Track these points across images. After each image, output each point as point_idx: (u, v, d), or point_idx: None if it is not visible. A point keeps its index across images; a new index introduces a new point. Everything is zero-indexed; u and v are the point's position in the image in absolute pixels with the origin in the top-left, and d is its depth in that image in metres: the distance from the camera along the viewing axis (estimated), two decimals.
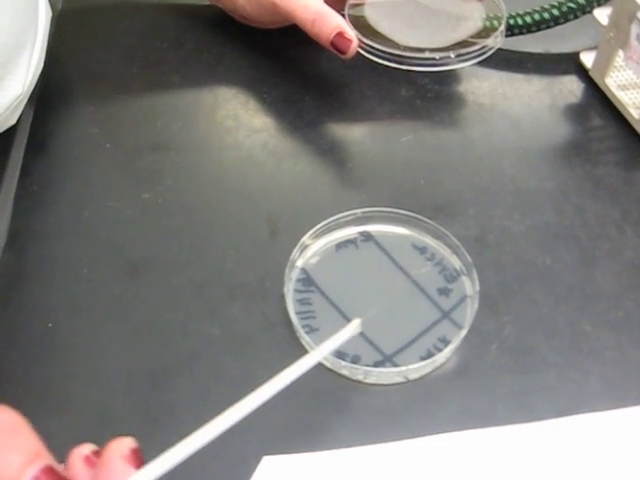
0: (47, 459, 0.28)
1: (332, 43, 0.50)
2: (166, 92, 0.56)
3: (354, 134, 0.53)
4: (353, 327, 0.38)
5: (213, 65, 0.58)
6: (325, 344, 0.36)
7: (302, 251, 0.44)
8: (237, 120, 0.53)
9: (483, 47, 0.51)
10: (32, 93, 0.53)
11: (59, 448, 0.31)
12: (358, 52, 0.50)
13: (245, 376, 0.40)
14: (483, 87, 0.56)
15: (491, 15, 0.53)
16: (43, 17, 0.54)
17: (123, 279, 0.45)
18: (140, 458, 0.28)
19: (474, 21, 0.53)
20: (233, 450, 0.37)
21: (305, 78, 0.56)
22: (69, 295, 0.44)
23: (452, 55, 0.49)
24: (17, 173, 0.51)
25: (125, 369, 0.41)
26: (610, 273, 0.44)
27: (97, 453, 0.29)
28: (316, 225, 0.45)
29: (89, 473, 0.29)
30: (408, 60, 0.49)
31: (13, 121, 0.51)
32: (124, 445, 0.28)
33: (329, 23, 0.50)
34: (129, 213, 0.48)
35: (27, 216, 0.48)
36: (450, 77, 0.56)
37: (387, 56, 0.50)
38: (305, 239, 0.44)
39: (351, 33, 0.50)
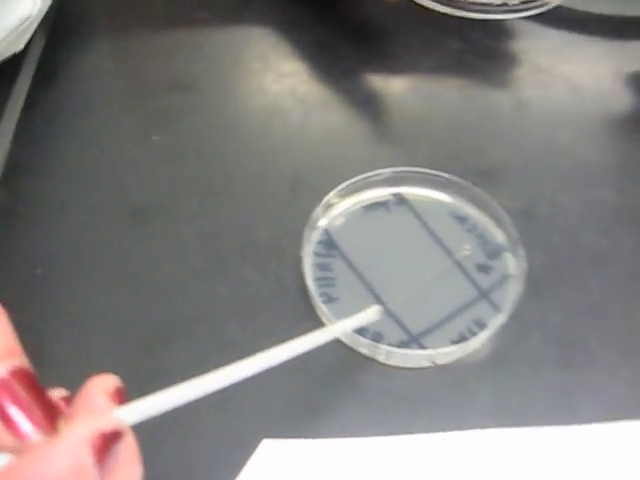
0: (20, 359, 0.22)
1: None
2: (190, 29, 0.51)
3: (394, 87, 0.47)
4: (371, 314, 0.33)
5: (243, 2, 0.52)
6: (339, 324, 0.32)
7: (326, 210, 0.39)
8: (265, 63, 0.48)
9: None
10: (45, 21, 0.48)
11: None
12: None
13: (250, 345, 0.34)
14: (541, 47, 0.50)
15: None
16: None
17: (124, 227, 0.40)
18: (124, 399, 0.23)
19: None
20: (232, 429, 0.33)
21: (344, 23, 0.51)
22: (62, 240, 0.40)
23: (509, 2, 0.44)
24: (21, 104, 0.46)
25: (117, 327, 0.36)
26: None
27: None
28: (344, 182, 0.39)
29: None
30: (461, 3, 0.44)
31: (21, 46, 0.47)
32: (108, 382, 0.23)
33: None
34: (137, 156, 0.44)
35: (27, 150, 0.44)
36: (506, 33, 0.50)
37: None
38: (330, 197, 0.39)
39: None
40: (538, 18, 0.50)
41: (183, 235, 0.40)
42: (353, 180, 0.39)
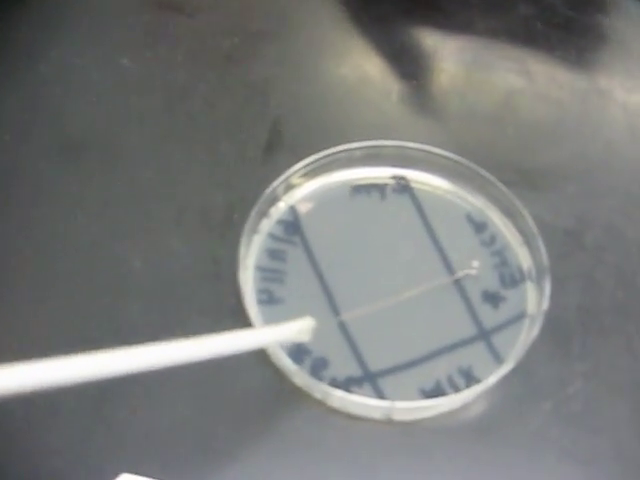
0: None
1: None
2: None
3: (435, 45, 0.36)
4: (302, 329, 0.23)
5: None
6: (262, 331, 0.22)
7: (299, 182, 0.29)
8: None
9: None
10: None
11: None
12: None
13: (150, 336, 0.25)
14: (634, 26, 0.38)
15: None
16: None
17: (53, 158, 0.31)
18: None
19: None
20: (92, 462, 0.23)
21: None
22: None
23: None
24: None
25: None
26: None
27: None
28: (331, 148, 0.29)
29: None
30: None
31: None
32: None
33: None
34: (96, 77, 0.35)
35: None
36: (591, 3, 0.39)
37: None
38: (309, 164, 0.29)
39: None
40: None
41: (110, 180, 0.30)
42: (345, 147, 0.29)
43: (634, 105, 0.35)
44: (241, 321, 0.26)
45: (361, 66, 0.35)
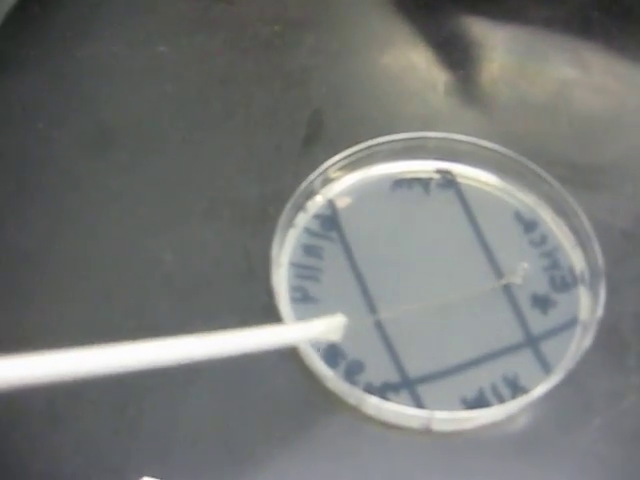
0: None
1: None
2: None
3: (484, 34, 0.35)
4: (332, 327, 0.21)
5: None
6: (289, 328, 0.21)
7: (338, 175, 0.28)
8: None
9: None
10: None
11: None
12: None
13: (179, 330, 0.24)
14: None
15: None
16: None
17: (85, 146, 0.30)
18: None
19: None
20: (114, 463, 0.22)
21: None
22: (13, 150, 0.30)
23: None
24: None
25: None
26: None
27: None
28: (372, 140, 0.28)
29: None
30: None
31: None
32: None
33: None
34: (131, 64, 0.34)
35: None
36: None
37: None
38: (349, 157, 0.28)
39: None
40: None
41: (143, 172, 0.29)
42: (386, 139, 0.28)
43: None
44: (273, 319, 0.24)
45: (405, 55, 0.34)
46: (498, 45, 0.34)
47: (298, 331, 0.22)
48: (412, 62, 0.33)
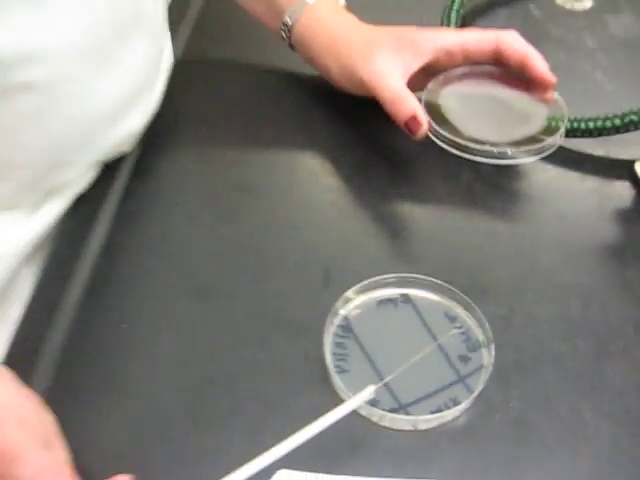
0: None
1: (405, 124, 0.57)
2: (257, 143, 0.64)
3: (413, 207, 0.59)
4: (366, 394, 0.44)
5: (303, 123, 0.65)
6: (341, 407, 0.43)
7: (346, 302, 0.51)
8: (314, 177, 0.61)
9: (541, 147, 0.56)
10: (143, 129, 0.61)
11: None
12: (427, 135, 0.57)
13: (276, 399, 0.46)
14: (539, 181, 0.61)
15: (554, 116, 0.58)
16: (166, 62, 0.63)
17: (190, 299, 0.52)
18: None
19: (537, 121, 0.58)
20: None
21: (379, 148, 0.63)
22: (142, 305, 0.52)
23: (509, 151, 0.55)
24: (120, 195, 0.59)
25: (176, 376, 0.48)
26: (620, 369, 0.49)
27: None
28: (363, 281, 0.51)
29: None
30: (470, 150, 0.55)
31: (128, 149, 0.60)
32: None
33: (405, 105, 0.57)
34: (206, 244, 0.56)
35: (121, 233, 0.57)
36: (511, 168, 0.62)
37: (452, 143, 0.56)
38: (350, 292, 0.51)
39: (423, 117, 0.56)
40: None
41: (234, 310, 0.51)
42: (370, 280, 0.51)
43: (539, 236, 0.57)
44: (327, 385, 0.46)
45: (372, 224, 0.57)
46: (419, 212, 0.58)
47: (350, 404, 0.43)
48: (375, 229, 0.57)
